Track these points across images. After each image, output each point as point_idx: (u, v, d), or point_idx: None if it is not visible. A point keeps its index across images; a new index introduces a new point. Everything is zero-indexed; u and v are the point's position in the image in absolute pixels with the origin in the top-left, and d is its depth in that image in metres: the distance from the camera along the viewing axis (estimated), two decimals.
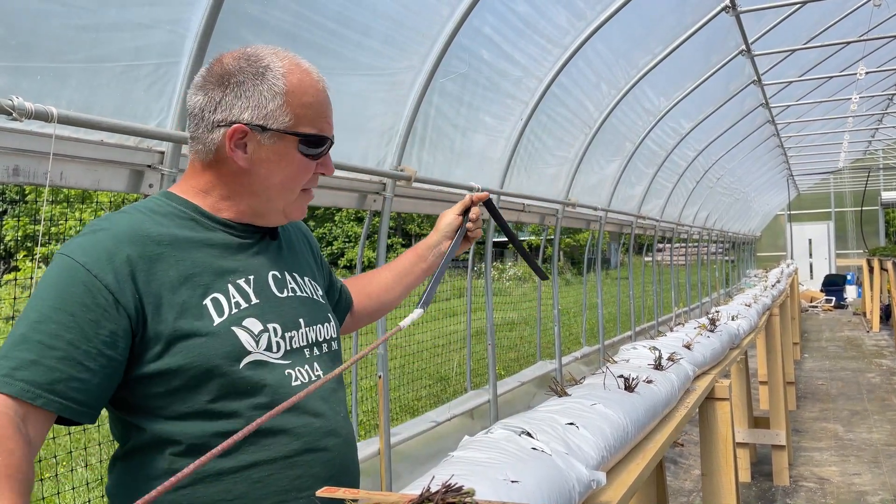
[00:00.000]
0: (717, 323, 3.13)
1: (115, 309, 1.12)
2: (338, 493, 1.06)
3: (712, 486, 2.51)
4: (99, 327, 1.10)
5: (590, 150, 6.08)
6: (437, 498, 0.91)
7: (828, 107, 11.58)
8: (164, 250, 1.19)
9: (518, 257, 35.97)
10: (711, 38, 6.17)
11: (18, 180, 2.16)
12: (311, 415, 1.26)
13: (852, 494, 4.87)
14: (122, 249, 1.15)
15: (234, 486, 1.18)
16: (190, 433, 1.18)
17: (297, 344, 1.29)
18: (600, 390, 1.78)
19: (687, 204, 11.01)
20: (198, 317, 1.18)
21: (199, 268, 1.22)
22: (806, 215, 22.24)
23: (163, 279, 1.17)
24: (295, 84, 1.24)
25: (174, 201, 1.27)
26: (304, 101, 1.25)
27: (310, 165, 1.30)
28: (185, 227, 1.25)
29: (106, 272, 1.13)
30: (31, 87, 2.11)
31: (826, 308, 17.30)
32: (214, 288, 1.22)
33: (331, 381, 1.33)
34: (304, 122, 1.25)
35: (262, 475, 1.19)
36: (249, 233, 1.32)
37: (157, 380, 1.16)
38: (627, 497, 1.47)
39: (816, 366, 9.90)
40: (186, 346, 1.16)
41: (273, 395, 1.21)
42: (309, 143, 1.27)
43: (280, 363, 1.25)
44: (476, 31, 3.83)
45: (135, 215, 1.23)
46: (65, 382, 1.07)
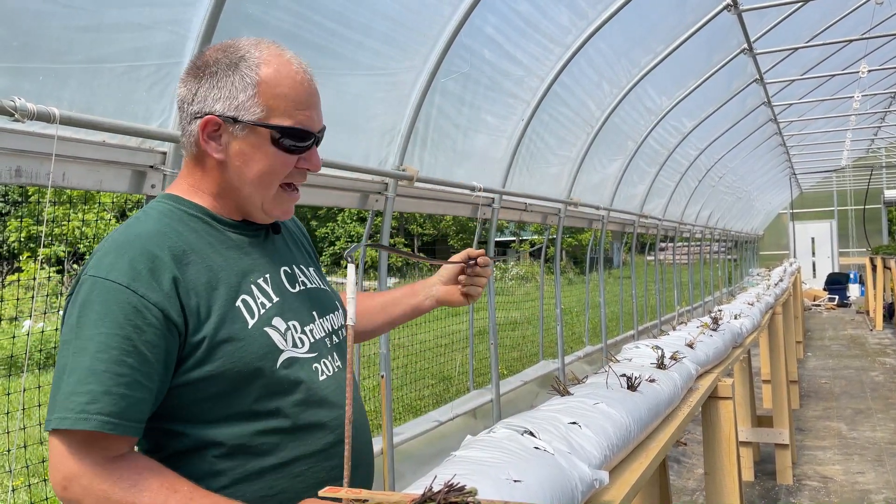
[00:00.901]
0: (720, 322, 3.13)
1: (165, 327, 1.12)
2: (341, 493, 1.06)
3: (715, 484, 2.50)
4: (154, 347, 1.11)
5: (592, 149, 6.07)
6: (440, 497, 0.91)
7: (830, 105, 11.56)
8: (190, 258, 1.19)
9: (520, 257, 35.91)
10: (713, 37, 6.16)
11: (21, 181, 2.16)
12: (339, 407, 1.28)
13: (856, 493, 4.86)
14: (160, 264, 1.15)
15: (275, 482, 1.20)
16: (233, 434, 1.19)
17: (317, 335, 1.31)
18: (603, 389, 1.78)
19: (689, 203, 11.00)
20: (233, 320, 1.19)
21: (223, 271, 1.22)
22: (809, 214, 22.20)
23: (196, 287, 1.17)
24: (270, 74, 1.21)
25: (181, 204, 1.26)
26: (278, 91, 1.21)
27: (287, 159, 1.24)
28: (198, 230, 1.24)
29: (152, 290, 1.12)
30: (32, 88, 2.11)
31: (829, 307, 17.27)
32: (241, 290, 1.22)
33: (347, 372, 1.33)
34: (277, 114, 1.21)
35: (303, 469, 1.22)
36: (254, 230, 1.31)
37: (200, 385, 1.17)
38: (630, 496, 1.47)
39: (820, 364, 9.88)
40: (227, 350, 1.17)
41: (307, 392, 1.24)
42: (285, 136, 1.22)
43: (307, 357, 1.26)
44: (478, 31, 3.83)
45: (150, 225, 1.21)
46: (134, 406, 1.09)
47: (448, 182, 4.11)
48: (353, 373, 1.40)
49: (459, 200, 4.42)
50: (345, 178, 3.39)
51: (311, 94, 1.26)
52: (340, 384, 1.30)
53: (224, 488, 1.17)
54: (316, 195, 3.29)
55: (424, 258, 1.72)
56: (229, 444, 1.18)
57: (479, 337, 6.29)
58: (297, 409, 1.22)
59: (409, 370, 7.52)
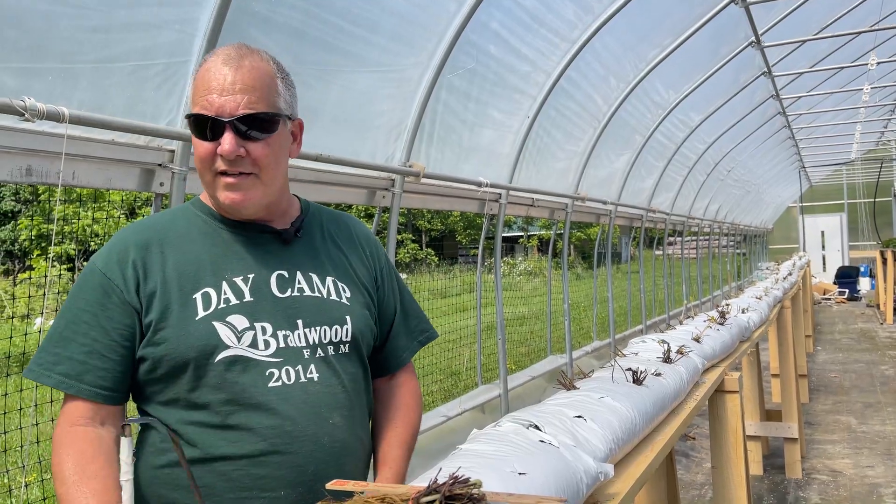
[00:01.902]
0: (727, 316, 3.13)
1: (127, 307, 1.26)
2: (347, 486, 1.08)
3: (722, 478, 2.51)
4: (114, 322, 1.25)
5: (599, 143, 6.06)
6: (445, 489, 0.92)
7: (839, 98, 11.49)
8: (168, 248, 1.31)
9: (529, 252, 35.87)
10: (720, 30, 6.14)
11: (31, 180, 2.19)
12: (283, 418, 1.26)
13: (865, 487, 4.85)
14: (128, 253, 1.29)
15: (203, 475, 1.24)
16: (171, 418, 1.27)
17: (292, 343, 1.30)
18: (609, 383, 1.79)
19: (697, 197, 10.96)
20: (183, 310, 1.26)
21: (196, 265, 1.30)
22: (818, 207, 22.07)
23: (159, 275, 1.28)
24: (203, 68, 1.28)
25: (195, 205, 1.39)
26: (196, 81, 1.28)
27: (204, 147, 1.27)
28: (195, 226, 1.35)
29: (115, 274, 1.27)
30: (42, 88, 2.14)
31: (839, 300, 17.19)
32: (208, 283, 1.29)
33: (329, 386, 1.32)
34: (191, 105, 1.29)
35: (227, 469, 1.25)
36: (258, 232, 1.35)
37: (148, 366, 1.27)
38: (636, 489, 1.48)
39: (829, 358, 9.85)
40: (167, 336, 1.25)
41: (241, 393, 1.26)
42: (191, 124, 1.28)
43: (264, 360, 1.27)
44: (483, 27, 3.83)
45: (156, 218, 1.37)
46: (93, 373, 1.24)
47: (455, 178, 4.12)
48: (356, 391, 1.38)
49: (466, 196, 4.43)
50: (351, 174, 3.40)
51: (219, 76, 1.25)
52: (298, 395, 1.28)
53: (162, 467, 1.27)
54: (322, 191, 3.30)
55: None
56: (170, 427, 1.26)
57: (487, 332, 6.30)
58: (226, 408, 1.25)
59: (418, 366, 7.55)
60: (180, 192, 2.55)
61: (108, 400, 1.25)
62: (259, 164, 1.28)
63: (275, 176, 1.32)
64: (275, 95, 1.29)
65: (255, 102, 1.25)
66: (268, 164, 1.29)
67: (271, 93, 1.28)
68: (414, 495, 0.92)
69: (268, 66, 1.30)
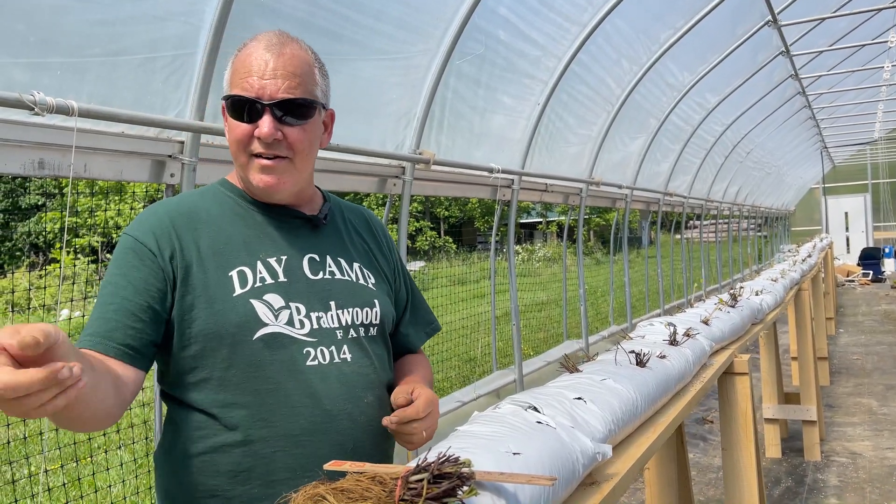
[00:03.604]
0: (739, 298, 3.11)
1: (159, 270, 1.26)
2: (344, 466, 1.10)
3: (732, 460, 2.51)
4: (147, 284, 1.24)
5: (613, 127, 6.03)
6: (433, 467, 0.94)
7: (861, 76, 11.30)
8: (201, 225, 1.31)
9: (548, 238, 35.72)
10: (736, 10, 6.06)
11: (44, 173, 2.23)
12: (322, 396, 1.28)
13: (885, 468, 4.81)
14: (163, 223, 1.30)
15: (243, 460, 1.24)
16: (206, 401, 1.26)
17: (325, 324, 1.32)
18: (612, 366, 1.79)
19: (716, 179, 10.86)
20: (219, 286, 1.26)
21: (230, 243, 1.31)
22: (842, 188, 21.75)
23: (195, 250, 1.28)
24: (240, 53, 1.31)
25: (223, 185, 1.40)
26: (235, 66, 1.30)
27: (242, 129, 1.29)
28: (225, 207, 1.36)
29: (149, 239, 1.27)
30: (51, 82, 2.18)
31: (863, 282, 16.98)
32: (242, 262, 1.30)
33: (361, 367, 1.35)
34: (230, 86, 1.30)
35: (268, 451, 1.24)
36: (289, 217, 1.38)
37: (181, 342, 1.26)
38: (635, 469, 1.49)
39: (852, 340, 9.74)
40: (203, 311, 1.25)
41: (280, 371, 1.26)
42: (229, 105, 1.30)
43: (301, 339, 1.29)
44: (491, 12, 3.82)
45: (184, 196, 1.38)
46: (121, 330, 1.21)
47: (465, 164, 4.13)
48: (384, 370, 1.42)
49: (478, 182, 4.43)
50: (361, 162, 3.42)
51: (260, 60, 1.27)
52: (334, 374, 1.30)
53: (200, 454, 1.25)
54: (333, 180, 3.33)
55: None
56: (204, 412, 1.26)
57: (505, 318, 6.31)
58: (264, 387, 1.25)
59: (436, 351, 7.58)
60: (190, 182, 2.59)
61: (134, 361, 1.21)
62: (294, 148, 1.30)
63: (307, 162, 1.35)
64: (312, 84, 1.32)
65: (294, 88, 1.28)
66: (302, 150, 1.32)
67: (309, 80, 1.31)
68: (403, 474, 0.94)
69: (306, 54, 1.33)
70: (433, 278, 13.88)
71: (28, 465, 4.58)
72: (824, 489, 4.53)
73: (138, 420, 4.23)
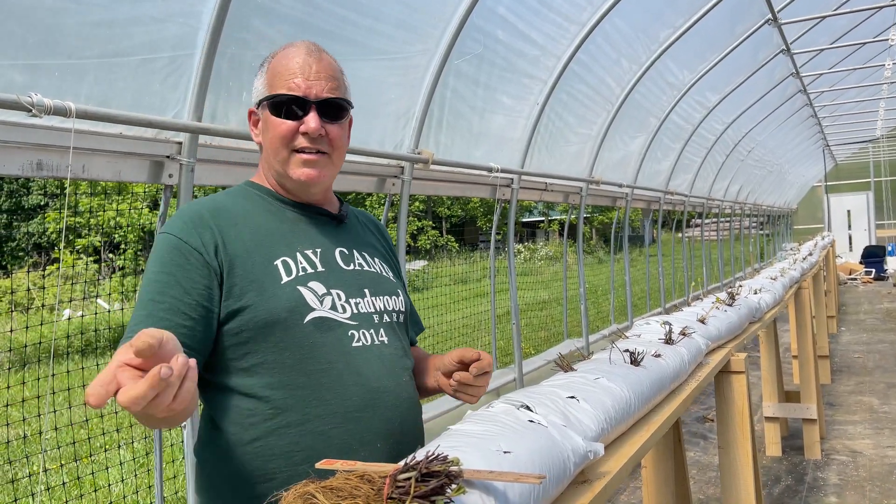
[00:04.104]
0: (737, 297, 3.12)
1: (205, 267, 1.31)
2: (336, 465, 1.11)
3: (729, 458, 2.52)
4: (194, 283, 1.29)
5: (613, 126, 6.03)
6: (422, 466, 0.95)
7: (862, 74, 11.28)
8: (240, 220, 1.39)
9: (550, 237, 35.72)
10: (736, 9, 6.06)
11: (42, 174, 2.24)
12: (369, 376, 1.37)
13: (885, 467, 4.81)
14: (205, 219, 1.36)
15: (301, 439, 1.30)
16: (258, 385, 1.31)
17: (363, 309, 1.42)
18: (606, 365, 1.80)
19: (717, 178, 10.85)
20: (267, 275, 1.34)
21: (271, 236, 1.39)
22: (844, 186, 21.72)
23: (238, 243, 1.35)
24: (276, 59, 1.42)
25: (252, 186, 1.49)
26: (277, 70, 1.40)
27: (287, 125, 1.38)
28: (258, 204, 1.44)
29: (193, 238, 1.32)
30: (50, 83, 2.19)
31: (865, 280, 16.95)
32: (284, 253, 1.38)
33: (396, 349, 1.45)
34: (273, 88, 1.40)
35: (325, 428, 1.31)
36: (316, 214, 1.49)
37: (233, 330, 1.31)
38: (628, 467, 1.50)
39: (853, 339, 9.73)
40: (254, 299, 1.31)
41: (329, 353, 1.34)
42: (273, 104, 1.39)
43: (346, 323, 1.38)
44: (490, 12, 3.83)
45: (215, 197, 1.44)
46: (174, 329, 1.22)
47: (465, 164, 4.14)
48: (410, 354, 1.53)
49: (478, 182, 4.44)
50: (360, 162, 3.43)
51: (305, 62, 1.39)
52: (376, 356, 1.40)
53: (256, 441, 1.30)
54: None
55: None
56: (254, 396, 1.30)
57: (506, 318, 6.32)
58: (316, 367, 1.32)
59: (436, 350, 7.58)
60: (189, 183, 2.60)
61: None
62: (334, 144, 1.42)
63: (342, 158, 1.48)
64: (344, 88, 1.45)
65: (335, 90, 1.40)
66: (340, 146, 1.44)
67: (343, 85, 1.44)
68: (392, 472, 0.95)
69: (337, 64, 1.46)
70: (435, 277, 13.89)
71: (28, 464, 4.61)
72: (824, 487, 4.53)
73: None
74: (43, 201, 27.63)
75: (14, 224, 27.69)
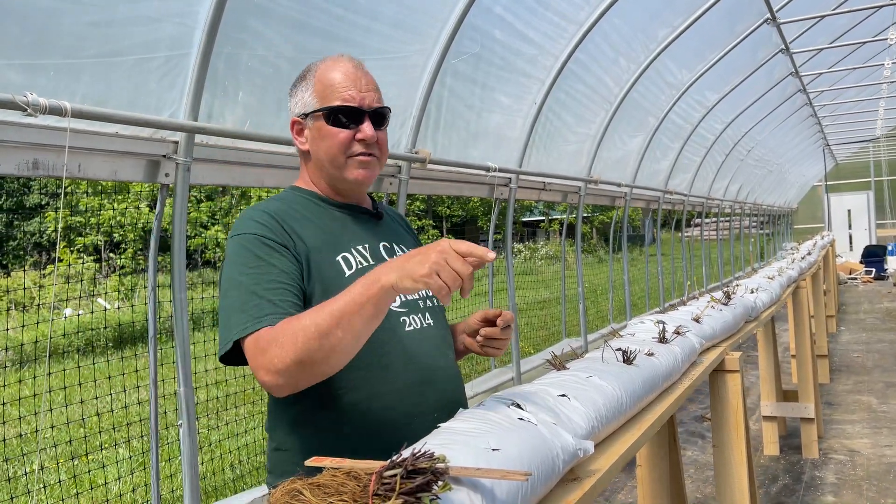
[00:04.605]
0: (733, 296, 3.12)
1: (295, 259, 1.45)
2: (324, 462, 1.12)
3: (724, 457, 2.52)
4: (292, 269, 1.43)
5: (611, 125, 6.04)
6: (408, 463, 0.95)
7: (861, 73, 11.28)
8: (301, 220, 1.52)
9: (550, 235, 35.68)
10: (734, 8, 6.07)
11: (38, 173, 2.25)
12: (422, 354, 1.53)
13: (883, 466, 4.82)
14: (277, 221, 1.48)
15: (376, 411, 1.46)
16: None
17: (410, 297, 1.57)
18: (598, 363, 1.81)
19: (717, 177, 10.85)
20: (334, 270, 1.49)
21: (329, 235, 1.54)
22: (844, 185, 21.70)
23: (308, 242, 1.48)
24: (322, 72, 1.54)
25: (297, 190, 1.61)
26: (327, 83, 1.53)
27: (344, 134, 1.52)
28: (309, 207, 1.57)
29: (275, 235, 1.45)
30: (47, 83, 2.20)
31: (865, 280, 16.95)
32: (342, 250, 1.53)
33: (441, 331, 1.62)
34: (326, 100, 1.52)
35: (393, 402, 1.47)
36: (358, 213, 1.62)
37: None
38: (618, 465, 1.51)
39: (853, 338, 9.73)
40: (326, 293, 1.40)
41: (389, 337, 1.48)
42: (331, 114, 1.52)
43: (397, 310, 1.53)
44: (487, 11, 3.84)
45: (270, 201, 1.56)
46: (290, 304, 1.38)
47: (462, 163, 4.14)
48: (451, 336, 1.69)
49: (475, 181, 4.45)
50: None
51: (355, 76, 1.54)
52: (425, 337, 1.55)
53: (331, 420, 1.45)
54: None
55: None
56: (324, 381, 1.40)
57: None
58: (380, 350, 1.46)
59: None
60: (185, 182, 2.61)
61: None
62: (382, 148, 1.58)
63: (385, 160, 1.63)
64: (382, 98, 1.61)
65: (380, 100, 1.57)
66: (385, 150, 1.60)
67: (382, 95, 1.60)
68: (378, 469, 0.96)
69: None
70: None
71: (26, 462, 4.62)
72: (821, 486, 4.54)
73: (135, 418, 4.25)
74: (44, 201, 27.66)
75: (15, 223, 27.72)
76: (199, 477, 2.70)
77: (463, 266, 1.20)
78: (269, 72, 2.91)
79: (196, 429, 2.73)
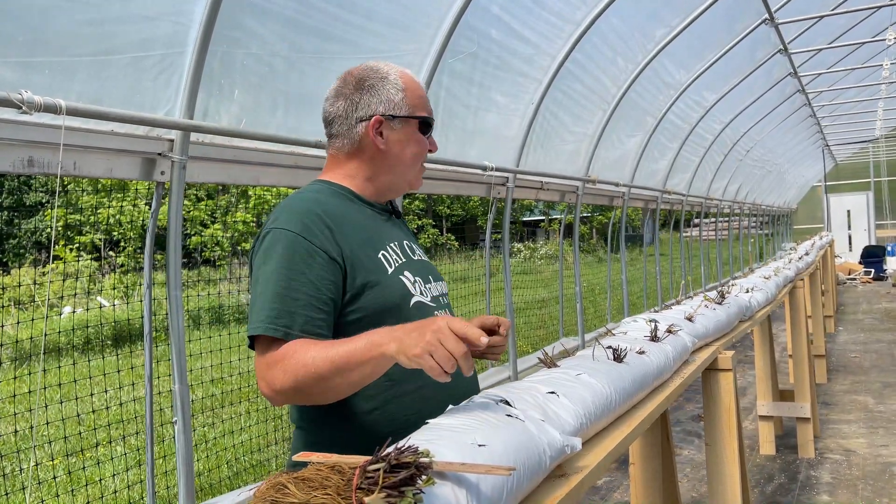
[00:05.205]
0: (727, 296, 3.13)
1: (330, 264, 1.46)
2: (311, 457, 1.13)
3: (716, 455, 2.53)
4: (323, 280, 1.44)
5: (609, 125, 6.04)
6: (392, 457, 0.96)
7: (860, 74, 11.28)
8: (343, 218, 1.54)
9: (550, 235, 35.66)
10: (732, 8, 6.07)
11: (34, 171, 2.26)
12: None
13: (878, 465, 4.83)
14: (322, 218, 1.49)
15: (413, 403, 1.52)
16: None
17: (435, 292, 1.65)
18: (588, 361, 1.82)
19: (715, 177, 10.86)
20: (377, 268, 1.53)
21: (370, 232, 1.58)
22: (844, 186, 21.70)
23: (351, 240, 1.51)
24: (408, 82, 1.63)
25: (331, 185, 1.62)
26: (417, 93, 1.63)
27: (425, 143, 1.65)
28: (346, 203, 1.60)
29: (315, 237, 1.46)
30: (42, 81, 2.20)
31: (864, 280, 16.96)
32: (381, 247, 1.57)
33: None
34: (419, 109, 1.62)
35: (429, 393, 1.53)
36: (385, 211, 1.69)
37: (355, 316, 1.48)
38: (606, 462, 1.51)
39: (851, 339, 9.74)
40: (374, 290, 1.50)
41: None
42: (424, 124, 1.63)
43: (430, 305, 1.61)
44: (483, 11, 3.84)
45: (308, 195, 1.57)
46: (311, 323, 1.42)
47: (459, 162, 4.15)
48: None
49: (472, 180, 4.45)
50: None
51: (424, 92, 1.68)
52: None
53: (376, 410, 1.50)
54: None
55: None
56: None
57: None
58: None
59: None
60: (181, 180, 2.62)
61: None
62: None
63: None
64: None
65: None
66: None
67: None
68: (362, 464, 0.96)
69: None
70: None
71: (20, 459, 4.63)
72: (817, 486, 4.55)
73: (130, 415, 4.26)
74: (44, 199, 27.66)
75: (15, 221, 27.72)
76: (194, 474, 2.71)
77: (457, 346, 1.24)
78: (264, 70, 2.92)
79: (192, 426, 2.73)
